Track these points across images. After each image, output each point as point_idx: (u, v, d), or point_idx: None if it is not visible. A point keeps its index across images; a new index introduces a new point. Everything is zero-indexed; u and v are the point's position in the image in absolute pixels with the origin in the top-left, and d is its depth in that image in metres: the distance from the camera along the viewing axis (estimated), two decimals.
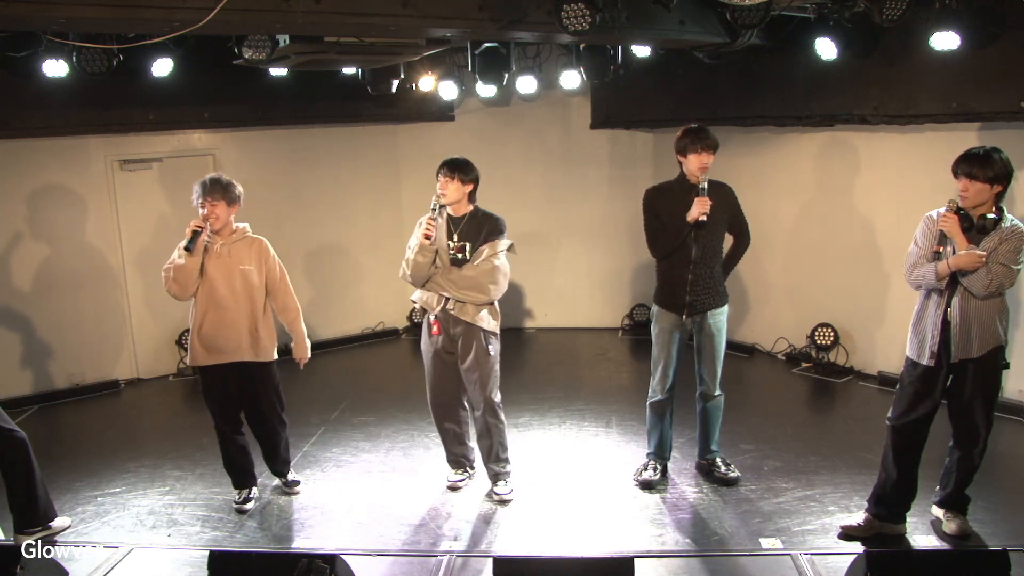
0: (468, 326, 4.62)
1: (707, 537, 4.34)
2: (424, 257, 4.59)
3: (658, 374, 4.85)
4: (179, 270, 4.50)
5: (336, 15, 4.33)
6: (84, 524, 4.64)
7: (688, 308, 4.69)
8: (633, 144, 8.33)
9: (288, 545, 4.39)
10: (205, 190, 4.53)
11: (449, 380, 4.81)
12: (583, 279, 8.55)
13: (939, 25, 4.97)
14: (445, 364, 4.78)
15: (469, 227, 4.64)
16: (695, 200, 4.52)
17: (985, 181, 3.80)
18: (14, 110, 6.36)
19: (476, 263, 4.58)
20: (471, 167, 4.67)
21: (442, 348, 4.75)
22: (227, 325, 4.58)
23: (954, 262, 3.84)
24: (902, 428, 4.11)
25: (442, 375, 4.81)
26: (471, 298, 4.59)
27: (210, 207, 4.52)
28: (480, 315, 4.62)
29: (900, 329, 5.79)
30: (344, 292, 8.37)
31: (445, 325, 4.69)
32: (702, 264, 4.66)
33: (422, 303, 4.75)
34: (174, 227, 7.30)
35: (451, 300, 4.62)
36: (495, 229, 4.63)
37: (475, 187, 4.68)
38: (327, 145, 8.07)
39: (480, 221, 4.65)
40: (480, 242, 4.60)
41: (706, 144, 4.55)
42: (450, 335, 4.70)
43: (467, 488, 5.01)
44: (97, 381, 7.13)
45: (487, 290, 4.60)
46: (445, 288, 4.62)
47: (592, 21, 4.38)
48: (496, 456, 4.86)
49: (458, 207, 4.66)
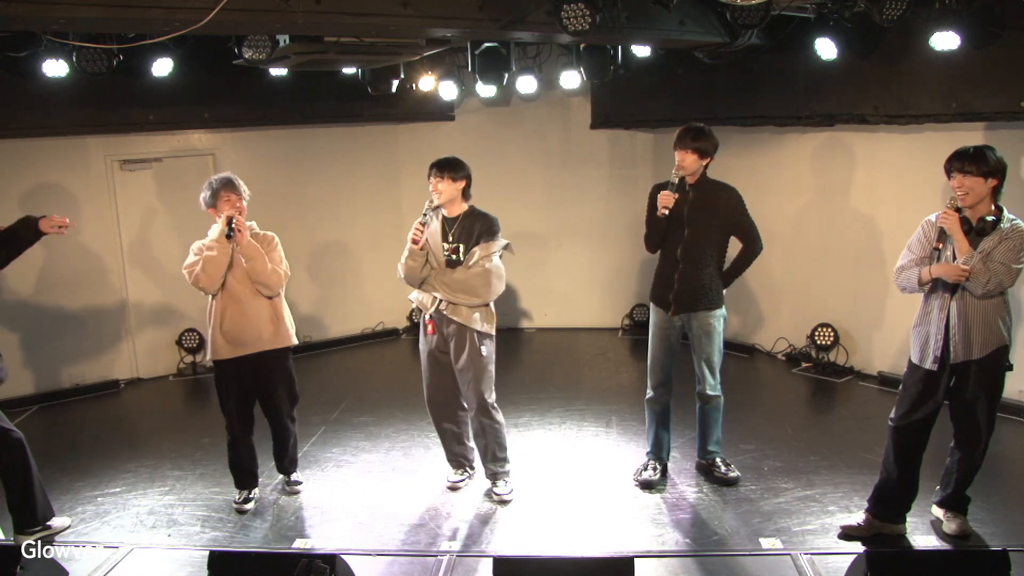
0: (461, 327, 4.61)
1: (707, 537, 4.34)
2: (415, 261, 4.62)
3: (649, 371, 4.89)
4: (210, 262, 4.52)
5: (336, 15, 4.33)
6: (84, 524, 4.64)
7: (674, 306, 4.71)
8: (633, 144, 8.33)
9: (288, 545, 4.39)
10: (223, 185, 4.59)
11: (445, 380, 4.81)
12: (583, 279, 8.55)
13: (939, 25, 4.96)
14: (440, 364, 4.78)
15: (463, 228, 4.63)
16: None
17: (979, 175, 3.78)
18: (14, 110, 6.37)
19: (468, 265, 4.57)
20: (461, 164, 4.65)
21: (436, 348, 4.76)
22: (247, 318, 4.62)
23: (936, 271, 3.86)
24: (904, 429, 4.10)
25: (438, 375, 4.81)
26: (463, 300, 4.58)
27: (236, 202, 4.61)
28: (473, 316, 4.60)
29: (900, 329, 5.81)
30: (344, 292, 8.37)
31: (439, 325, 4.70)
32: (687, 264, 4.66)
33: (418, 303, 4.77)
34: (174, 227, 7.34)
35: (443, 301, 4.61)
36: (488, 230, 4.59)
37: (468, 184, 4.67)
38: (327, 145, 8.07)
39: (473, 222, 4.63)
40: (472, 243, 4.59)
41: (684, 143, 4.58)
42: (444, 335, 4.71)
43: (467, 488, 5.01)
44: (97, 381, 7.13)
45: (479, 293, 4.58)
46: (438, 289, 4.62)
47: (592, 21, 4.38)
48: (493, 456, 4.86)
49: (452, 207, 4.65)
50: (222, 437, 4.83)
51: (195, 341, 7.47)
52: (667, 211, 4.57)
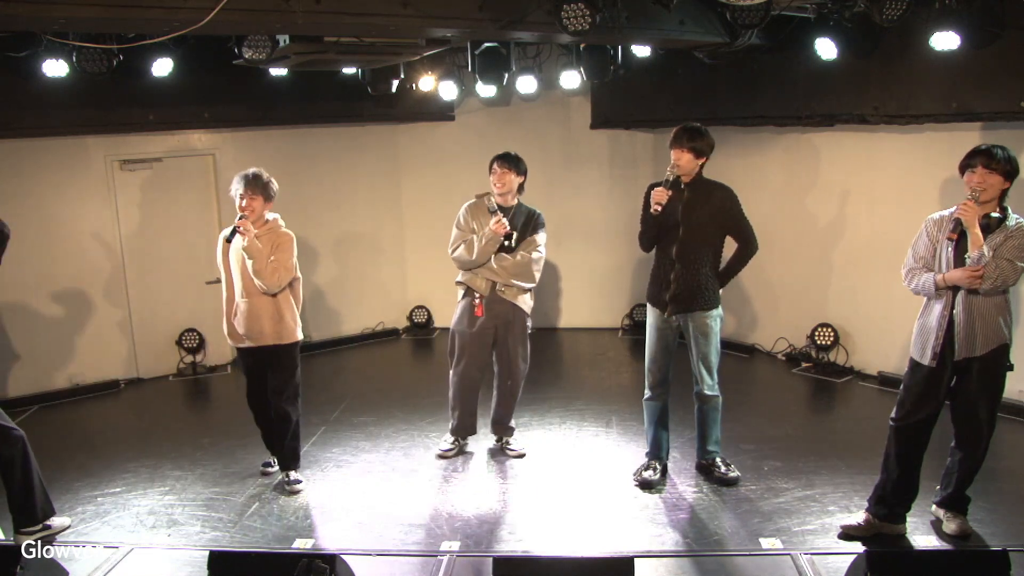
0: (513, 306, 5.21)
1: (707, 537, 4.34)
2: (493, 247, 5.13)
3: (646, 371, 4.90)
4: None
5: (336, 15, 4.33)
6: (84, 524, 4.64)
7: (670, 306, 4.71)
8: (633, 144, 8.33)
9: (288, 545, 4.38)
10: (247, 183, 4.76)
11: (484, 357, 5.34)
12: (583, 279, 8.54)
13: (939, 25, 4.96)
14: (483, 342, 5.28)
15: (515, 218, 5.18)
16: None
17: (1001, 174, 3.83)
18: (14, 110, 6.36)
19: (525, 251, 5.15)
20: (523, 161, 5.23)
21: (483, 329, 5.23)
22: (251, 313, 4.80)
23: (950, 277, 3.89)
24: (905, 429, 4.10)
25: (478, 353, 5.30)
26: (518, 283, 5.17)
27: (249, 199, 4.76)
28: (523, 297, 5.23)
29: (900, 329, 5.80)
30: (344, 292, 8.37)
31: (489, 306, 5.18)
32: (683, 264, 4.66)
33: (471, 285, 5.23)
34: (174, 227, 7.34)
35: (499, 284, 5.14)
36: (539, 223, 5.24)
37: (524, 180, 5.25)
38: (327, 145, 8.07)
39: (525, 214, 5.23)
40: (528, 233, 5.18)
41: (680, 142, 4.61)
42: (493, 316, 5.21)
43: (467, 488, 5.03)
44: (97, 381, 7.12)
45: (532, 276, 5.22)
46: (496, 273, 5.15)
47: (592, 21, 4.38)
48: (511, 416, 5.50)
49: (507, 198, 5.20)
50: (222, 437, 4.86)
51: (195, 341, 7.47)
52: (660, 207, 4.57)
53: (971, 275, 3.83)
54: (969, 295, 3.89)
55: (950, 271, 3.91)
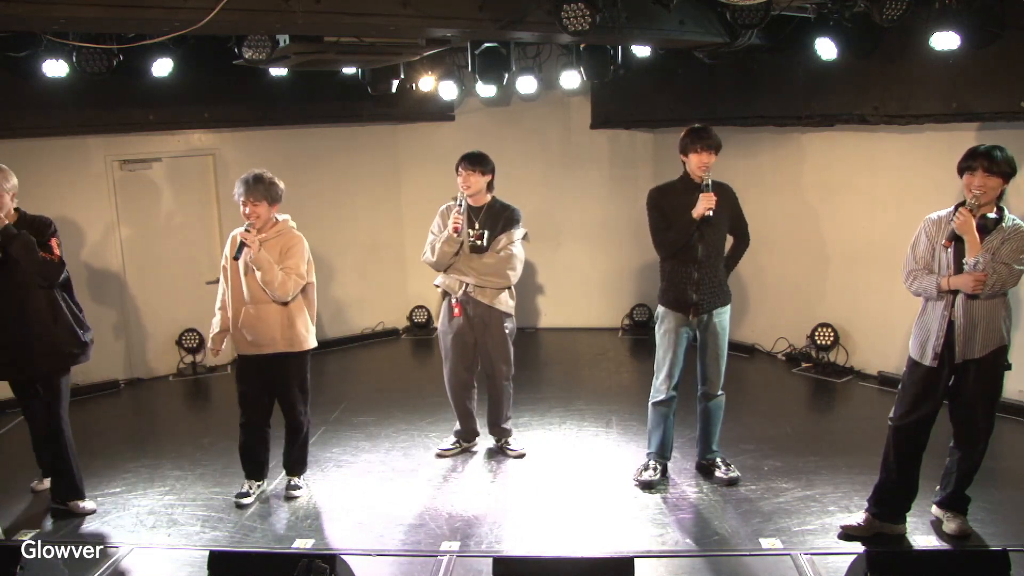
0: (487, 308, 5.12)
1: (707, 537, 4.34)
2: (450, 247, 5.04)
3: (663, 374, 4.84)
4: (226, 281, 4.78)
5: (336, 15, 4.33)
6: (84, 524, 4.64)
7: (695, 308, 4.70)
8: (633, 144, 8.33)
9: (288, 545, 4.38)
10: (248, 189, 4.55)
11: (467, 360, 5.29)
12: (583, 279, 8.54)
13: (939, 25, 4.96)
14: (464, 345, 5.24)
15: (487, 216, 5.11)
16: (700, 196, 4.55)
17: (999, 175, 3.81)
18: (14, 110, 6.36)
19: (496, 251, 5.04)
20: (488, 159, 5.12)
21: (461, 330, 5.19)
22: (261, 319, 4.66)
23: (954, 282, 3.88)
24: (904, 428, 4.10)
25: (461, 356, 5.27)
26: (491, 283, 5.08)
27: (252, 207, 4.56)
28: (499, 298, 5.12)
29: (900, 329, 5.81)
30: (344, 292, 8.36)
31: (465, 307, 5.13)
32: (707, 263, 4.67)
33: (445, 287, 5.19)
34: (174, 227, 7.34)
35: (471, 284, 5.05)
36: (512, 219, 5.11)
37: (492, 178, 5.13)
38: (327, 145, 8.06)
39: (497, 211, 5.12)
40: (498, 231, 5.06)
41: (706, 143, 4.58)
42: (469, 317, 5.15)
43: (467, 488, 5.03)
44: (97, 381, 7.12)
45: (505, 275, 5.09)
46: (466, 274, 5.07)
47: (592, 21, 4.38)
48: (505, 417, 5.45)
49: (478, 198, 5.11)
50: (222, 437, 4.84)
51: (195, 341, 7.47)
52: (711, 212, 4.54)
53: (976, 281, 3.80)
54: (969, 298, 3.88)
55: (954, 277, 3.89)
